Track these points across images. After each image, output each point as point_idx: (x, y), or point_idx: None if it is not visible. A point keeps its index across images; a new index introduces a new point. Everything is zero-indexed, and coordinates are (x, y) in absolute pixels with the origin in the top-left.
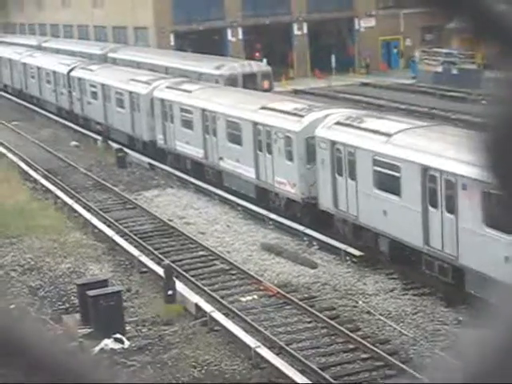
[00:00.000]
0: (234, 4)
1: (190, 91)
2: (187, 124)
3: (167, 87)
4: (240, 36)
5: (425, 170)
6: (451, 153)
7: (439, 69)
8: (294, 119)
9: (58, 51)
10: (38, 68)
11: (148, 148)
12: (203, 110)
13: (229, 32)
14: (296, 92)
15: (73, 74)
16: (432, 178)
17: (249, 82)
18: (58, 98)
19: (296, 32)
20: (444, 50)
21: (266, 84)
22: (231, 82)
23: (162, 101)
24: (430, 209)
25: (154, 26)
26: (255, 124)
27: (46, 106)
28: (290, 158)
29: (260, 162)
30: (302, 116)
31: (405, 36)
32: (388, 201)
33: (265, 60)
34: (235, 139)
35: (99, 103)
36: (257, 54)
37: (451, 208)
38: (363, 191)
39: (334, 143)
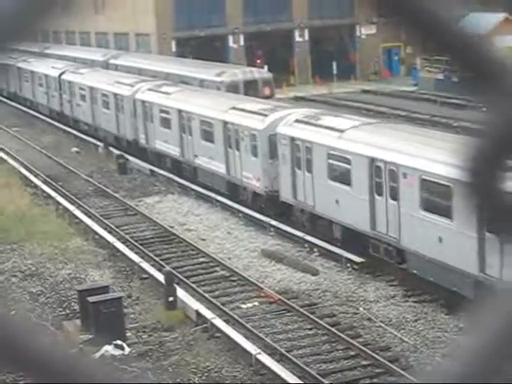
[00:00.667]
0: (236, 11)
1: (168, 93)
2: (166, 124)
3: (148, 89)
4: (241, 43)
5: (371, 161)
6: (394, 146)
7: (440, 76)
8: (258, 118)
9: (60, 58)
10: (32, 72)
11: (131, 147)
12: (179, 111)
13: (230, 39)
14: (297, 99)
15: (63, 77)
16: (378, 169)
17: (250, 88)
18: (49, 100)
19: (297, 39)
20: (445, 58)
21: (267, 91)
22: (232, 88)
23: (143, 102)
24: (376, 197)
25: (155, 33)
26: (225, 123)
27: (38, 108)
28: (255, 154)
29: (230, 158)
30: (265, 115)
31: (406, 43)
32: (340, 191)
33: (266, 67)
34: (208, 137)
35: (87, 105)
36: (258, 61)
37: (394, 195)
38: (319, 183)
39: (293, 139)
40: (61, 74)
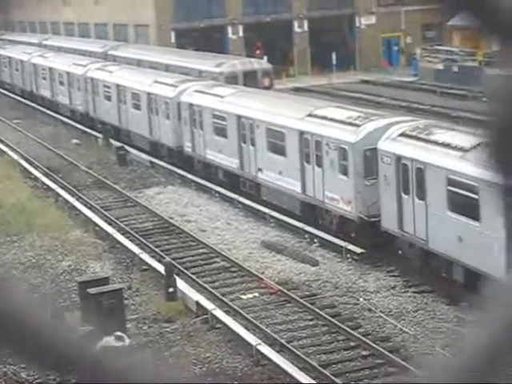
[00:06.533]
0: (235, 1)
1: (46, 57)
2: (60, 82)
3: (38, 55)
4: (240, 33)
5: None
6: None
7: (440, 66)
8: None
9: (58, 49)
10: None
11: (31, 96)
12: (50, 68)
13: (229, 29)
14: (297, 90)
15: None
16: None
17: (249, 79)
18: None
19: (296, 29)
20: (445, 48)
21: (266, 81)
22: (231, 79)
23: (34, 65)
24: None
25: (154, 24)
26: (68, 73)
27: None
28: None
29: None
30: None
31: (406, 33)
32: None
33: (265, 57)
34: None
35: (7, 70)
36: (257, 52)
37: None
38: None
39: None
40: None
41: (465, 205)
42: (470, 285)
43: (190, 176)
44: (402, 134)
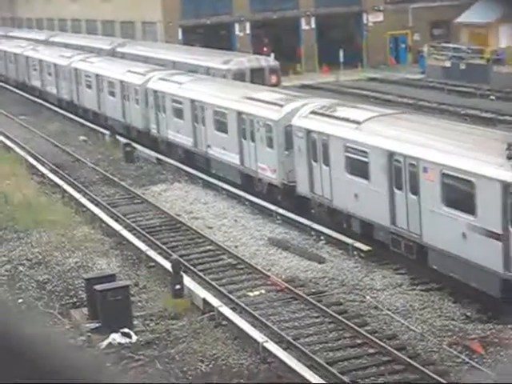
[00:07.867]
0: None
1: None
2: (48, 73)
3: (31, 48)
4: (248, 31)
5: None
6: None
7: (447, 64)
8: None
9: (65, 46)
10: None
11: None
12: (55, 64)
13: (236, 26)
14: (304, 87)
15: None
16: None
17: (256, 76)
18: None
19: (304, 27)
20: (452, 45)
21: (273, 79)
22: (239, 76)
23: (27, 57)
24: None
25: (161, 21)
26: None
27: None
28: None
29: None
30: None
31: (413, 31)
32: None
33: (272, 55)
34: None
35: (3, 63)
36: (264, 49)
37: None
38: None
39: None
40: None
41: (358, 167)
42: (365, 234)
43: (197, 173)
44: (312, 112)
